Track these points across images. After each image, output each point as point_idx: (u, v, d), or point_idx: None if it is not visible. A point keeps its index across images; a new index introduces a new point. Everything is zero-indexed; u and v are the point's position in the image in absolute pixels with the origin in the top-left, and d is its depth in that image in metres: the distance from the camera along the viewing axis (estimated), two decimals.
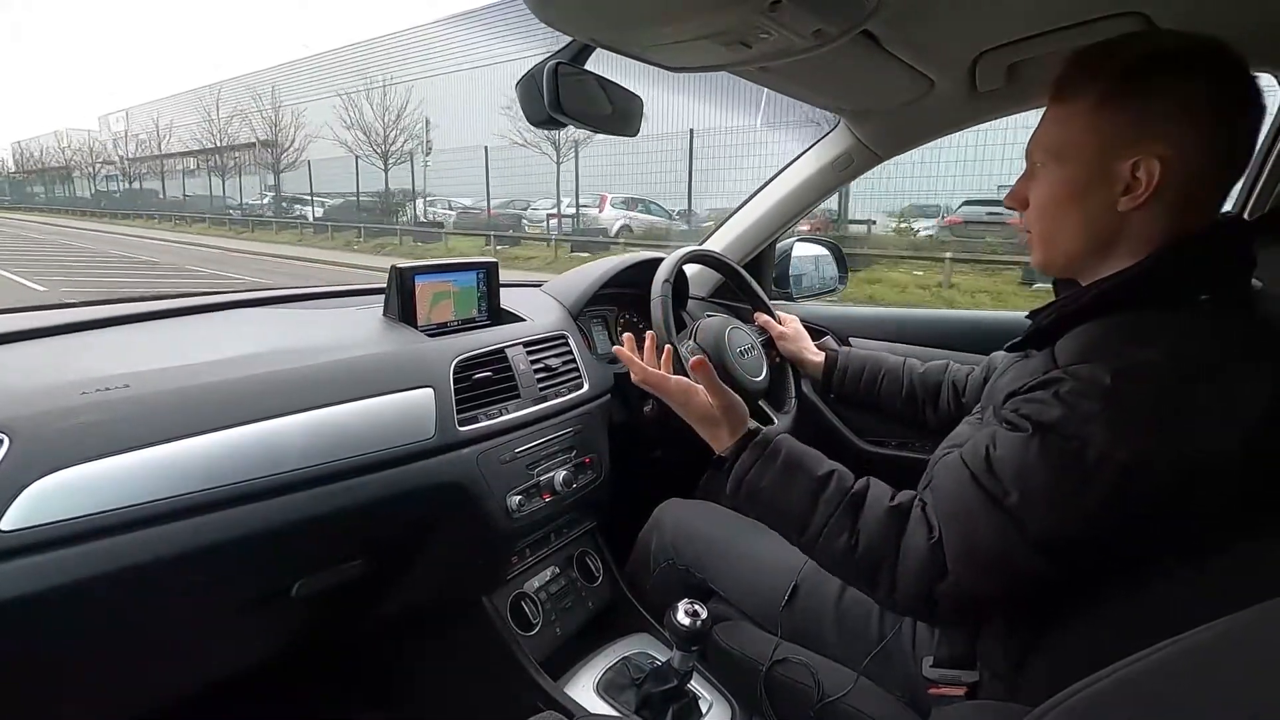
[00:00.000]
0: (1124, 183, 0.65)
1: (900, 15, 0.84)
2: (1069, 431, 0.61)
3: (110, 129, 39.93)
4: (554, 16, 0.74)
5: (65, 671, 0.77)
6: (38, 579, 0.63)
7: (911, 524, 0.70)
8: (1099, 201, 0.67)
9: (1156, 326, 0.64)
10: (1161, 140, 0.63)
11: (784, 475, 0.79)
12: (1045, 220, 0.73)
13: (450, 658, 1.16)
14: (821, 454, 0.82)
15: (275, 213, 22.51)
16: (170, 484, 0.71)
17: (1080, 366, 0.63)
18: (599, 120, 0.94)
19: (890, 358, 1.23)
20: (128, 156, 32.76)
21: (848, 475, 0.79)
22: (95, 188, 35.37)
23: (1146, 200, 0.65)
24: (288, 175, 23.00)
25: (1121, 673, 0.42)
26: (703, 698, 1.02)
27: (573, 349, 1.22)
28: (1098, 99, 0.66)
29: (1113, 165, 0.65)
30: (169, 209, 27.84)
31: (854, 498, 0.75)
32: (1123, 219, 0.67)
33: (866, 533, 0.72)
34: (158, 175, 30.36)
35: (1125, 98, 0.65)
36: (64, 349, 0.88)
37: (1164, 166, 0.63)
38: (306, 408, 0.83)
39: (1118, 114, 0.65)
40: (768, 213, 1.58)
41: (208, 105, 26.26)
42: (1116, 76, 0.65)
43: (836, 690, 0.86)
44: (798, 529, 0.77)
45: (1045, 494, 0.62)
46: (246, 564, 0.81)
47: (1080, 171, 0.68)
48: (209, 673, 0.98)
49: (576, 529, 1.28)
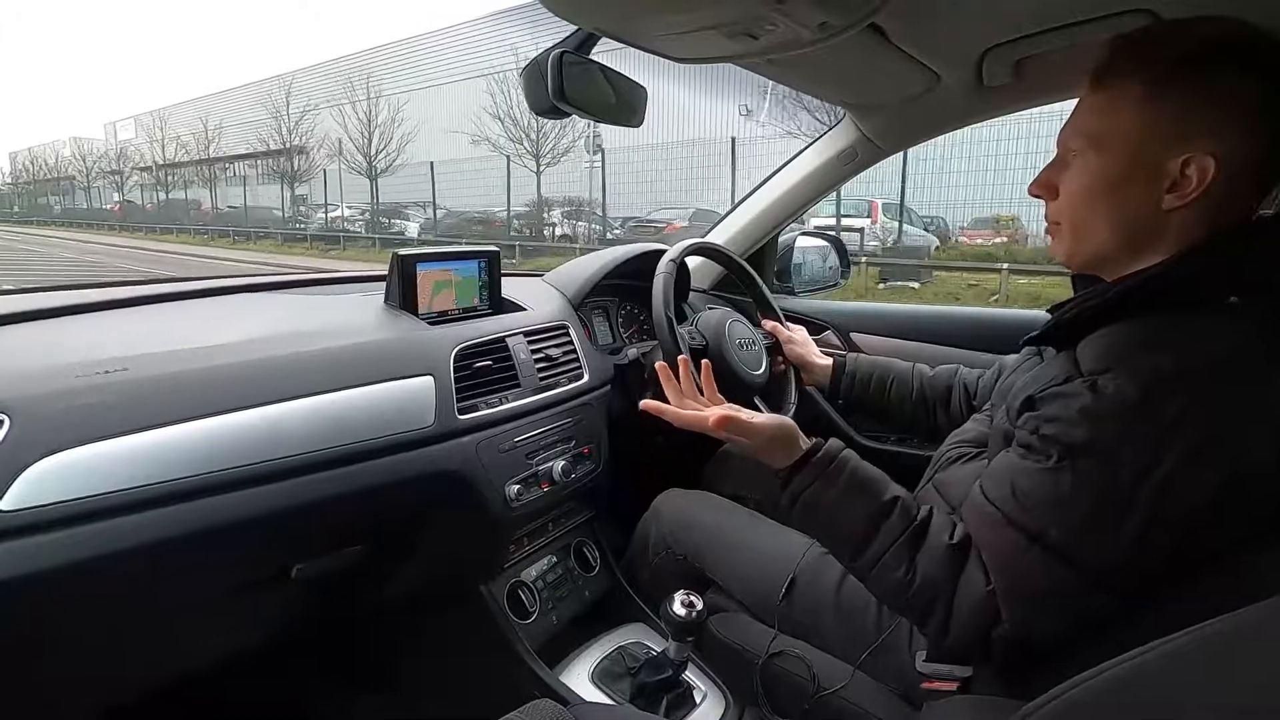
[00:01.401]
0: (1170, 179, 0.62)
1: (908, 9, 0.84)
2: (1100, 454, 0.59)
3: (117, 136, 37.26)
4: (560, 5, 0.74)
5: (64, 651, 0.78)
6: (38, 559, 0.63)
7: (970, 565, 0.67)
8: (1139, 196, 0.64)
9: (1185, 330, 0.62)
10: (1214, 138, 0.60)
11: (846, 496, 0.76)
12: (1078, 211, 0.69)
13: (447, 644, 1.17)
14: (886, 475, 0.79)
15: (372, 228, 18.02)
16: (170, 467, 0.71)
17: (1105, 377, 0.61)
18: (602, 110, 0.93)
19: (899, 363, 1.22)
20: (164, 162, 27.84)
21: (911, 503, 0.75)
22: (124, 197, 30.67)
23: (1195, 199, 0.62)
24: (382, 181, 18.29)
25: (1115, 670, 0.42)
26: (697, 688, 1.03)
27: (573, 339, 1.22)
28: (1148, 87, 0.62)
29: (1159, 160, 0.62)
30: (226, 222, 22.87)
31: (917, 529, 0.72)
32: (1164, 217, 0.64)
33: (924, 569, 0.69)
34: (202, 182, 25.73)
35: (1179, 88, 0.61)
36: (64, 331, 0.88)
37: (1217, 164, 0.60)
38: (307, 393, 0.83)
39: (1170, 105, 0.61)
40: (771, 206, 1.58)
41: (277, 101, 21.36)
42: (1171, 65, 0.61)
43: (832, 683, 0.87)
44: (853, 552, 0.74)
45: (1087, 524, 0.60)
46: (246, 548, 0.81)
47: (1121, 163, 0.65)
48: (206, 656, 0.99)
49: (574, 518, 1.28)
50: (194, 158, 26.75)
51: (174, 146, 27.76)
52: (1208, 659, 0.41)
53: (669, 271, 1.15)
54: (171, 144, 27.75)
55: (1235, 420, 0.58)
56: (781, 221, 1.60)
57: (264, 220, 21.93)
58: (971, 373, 1.14)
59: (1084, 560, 0.61)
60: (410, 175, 17.27)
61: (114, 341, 0.82)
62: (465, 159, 15.88)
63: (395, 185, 18.03)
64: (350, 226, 18.78)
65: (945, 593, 0.68)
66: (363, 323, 1.00)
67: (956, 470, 0.87)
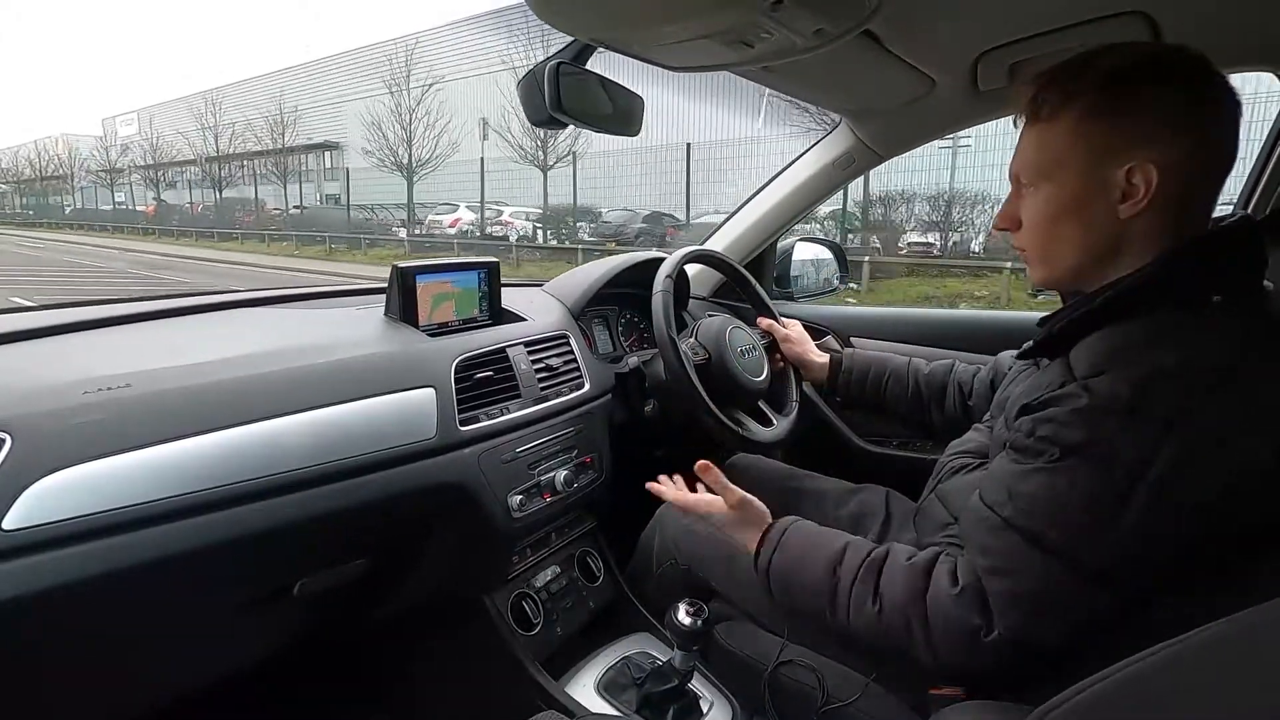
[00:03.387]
0: (1120, 189, 0.65)
1: (902, 15, 0.84)
2: (1096, 453, 0.60)
3: (117, 133, 34.11)
4: (555, 16, 0.74)
5: (67, 670, 0.77)
6: (40, 578, 0.63)
7: (934, 579, 0.69)
8: (1097, 211, 0.67)
9: (1173, 329, 0.63)
10: (1151, 145, 0.64)
11: (800, 555, 0.80)
12: (1042, 237, 0.72)
13: (451, 657, 1.16)
14: (838, 530, 0.83)
15: (558, 234, 15.04)
16: (172, 483, 0.71)
17: (1098, 380, 0.62)
18: (600, 120, 0.94)
19: (895, 358, 1.22)
20: (215, 153, 24.01)
21: (863, 544, 0.78)
22: (160, 195, 26.89)
23: (1147, 204, 0.64)
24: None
25: (1123, 673, 0.42)
26: (704, 697, 1.02)
27: (574, 349, 1.22)
28: (1080, 114, 0.66)
29: (1106, 174, 0.66)
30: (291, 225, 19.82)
31: (872, 563, 0.75)
32: (1125, 225, 0.66)
33: (889, 594, 0.71)
34: (246, 179, 23.05)
35: (1108, 108, 0.65)
36: (65, 348, 0.88)
37: (1159, 170, 0.63)
38: (308, 407, 0.83)
39: (1103, 125, 0.65)
40: (769, 212, 1.58)
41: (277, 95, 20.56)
42: (1096, 89, 0.65)
43: (841, 694, 0.86)
44: (827, 607, 0.77)
45: (1085, 524, 0.61)
46: (248, 564, 0.81)
47: (1073, 186, 0.68)
48: (210, 672, 0.98)
49: (577, 528, 1.28)
50: (258, 147, 22.69)
51: (228, 136, 24.08)
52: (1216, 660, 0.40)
53: (667, 289, 1.15)
54: (225, 134, 24.12)
55: (1228, 417, 0.59)
56: (779, 228, 1.61)
57: (336, 224, 18.01)
58: (967, 370, 1.15)
59: (1082, 560, 0.61)
60: (448, 173, 16.50)
61: (116, 358, 0.82)
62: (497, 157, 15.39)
63: (430, 183, 17.15)
64: (499, 233, 15.37)
65: (916, 611, 0.69)
66: (363, 335, 1.00)
67: (958, 481, 0.88)
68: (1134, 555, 0.60)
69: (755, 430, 1.19)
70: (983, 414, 1.01)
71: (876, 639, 0.74)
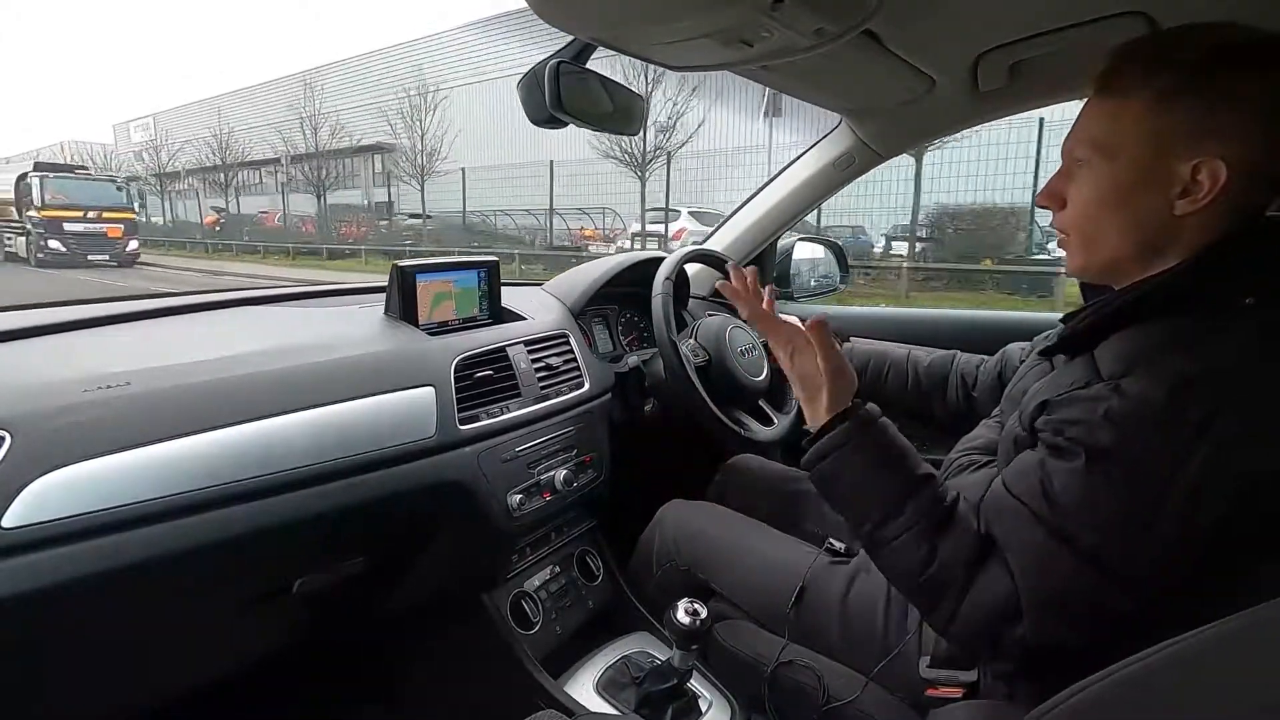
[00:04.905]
0: (1182, 184, 0.61)
1: (902, 14, 0.84)
2: (1129, 457, 0.58)
3: (130, 138, 31.70)
4: (556, 15, 0.74)
5: (67, 668, 0.77)
6: (39, 576, 0.63)
7: (993, 562, 0.65)
8: (1151, 203, 0.63)
9: (1206, 332, 0.61)
10: (1225, 141, 0.60)
11: (879, 464, 0.73)
12: (1089, 221, 0.68)
13: (450, 656, 1.17)
14: (915, 450, 0.75)
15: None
16: (172, 482, 0.71)
17: (1128, 381, 0.60)
18: (600, 119, 0.94)
19: (894, 352, 1.22)
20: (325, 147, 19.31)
21: (941, 483, 0.72)
22: (222, 202, 22.22)
23: (1209, 204, 0.61)
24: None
25: (1120, 674, 0.42)
26: (703, 697, 1.02)
27: (574, 348, 1.22)
28: (1157, 95, 0.62)
29: (1170, 165, 0.62)
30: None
31: (944, 512, 0.69)
32: (1177, 222, 0.63)
33: (945, 555, 0.66)
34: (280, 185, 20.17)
35: (1188, 95, 0.61)
36: (65, 346, 0.88)
37: (1230, 169, 0.60)
38: (308, 406, 0.83)
39: (1179, 112, 0.61)
40: (769, 212, 1.58)
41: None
42: (1179, 71, 0.61)
43: (842, 693, 0.86)
44: (874, 522, 0.71)
45: (1119, 529, 0.59)
46: (247, 562, 0.81)
47: (1132, 171, 0.64)
48: (210, 670, 0.98)
49: (577, 528, 1.28)
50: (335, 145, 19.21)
51: (328, 128, 19.56)
52: (1216, 660, 0.40)
53: (666, 291, 1.15)
54: (326, 123, 19.57)
55: (1261, 422, 0.57)
56: (779, 227, 1.61)
57: (460, 236, 15.86)
58: (970, 360, 1.14)
59: (1114, 564, 0.60)
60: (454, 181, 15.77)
61: (115, 357, 0.82)
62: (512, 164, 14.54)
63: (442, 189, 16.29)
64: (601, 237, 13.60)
65: (959, 582, 0.65)
66: (363, 334, 1.00)
67: (965, 478, 0.86)
68: (1163, 559, 0.59)
69: (756, 429, 1.19)
70: (987, 406, 1.00)
71: (903, 580, 0.71)
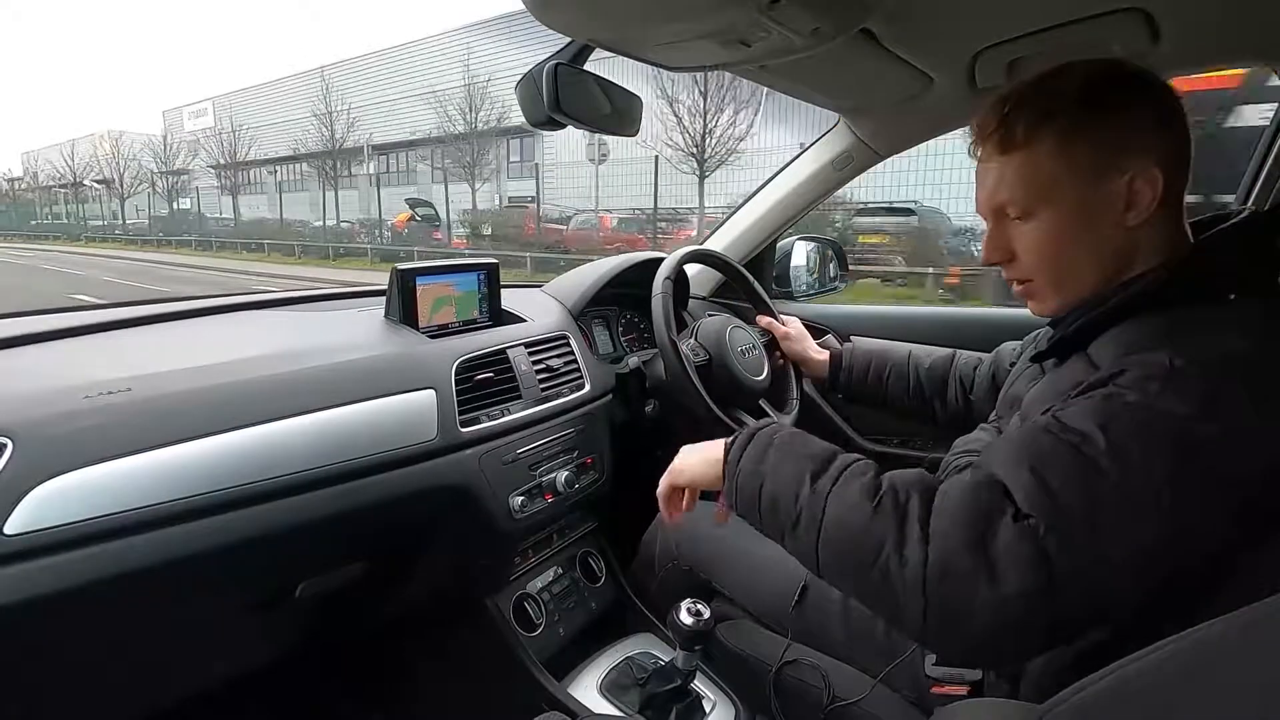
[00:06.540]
0: (1124, 199, 0.64)
1: (899, 13, 0.84)
2: (1130, 447, 0.56)
3: (185, 126, 27.39)
4: (553, 17, 0.74)
5: (71, 674, 0.78)
6: (43, 583, 0.63)
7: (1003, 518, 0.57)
8: (1105, 226, 0.66)
9: (1199, 324, 0.62)
10: (1144, 151, 0.63)
11: (781, 452, 0.70)
12: (1053, 263, 0.70)
13: (454, 658, 1.17)
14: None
15: None
16: (174, 487, 0.71)
17: (1135, 357, 0.60)
18: (598, 120, 0.94)
19: (895, 353, 1.22)
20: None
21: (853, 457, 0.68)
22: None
23: (1155, 209, 0.64)
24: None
25: (1124, 671, 0.42)
26: (706, 697, 1.02)
27: (574, 349, 1.22)
28: (1062, 133, 0.65)
29: (1107, 187, 0.64)
30: None
31: (861, 466, 0.65)
32: (1133, 233, 0.65)
33: (941, 528, 0.58)
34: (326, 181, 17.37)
35: (1092, 122, 0.64)
36: (66, 352, 0.89)
37: (1160, 170, 0.63)
38: (309, 410, 0.83)
39: (1091, 138, 0.64)
40: (768, 212, 1.58)
41: None
42: (1073, 106, 0.64)
43: (846, 693, 0.86)
44: (811, 478, 0.66)
45: (1126, 523, 0.56)
46: (250, 567, 0.81)
47: (1076, 204, 0.66)
48: (213, 674, 0.99)
49: (579, 529, 1.28)
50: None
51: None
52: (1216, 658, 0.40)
53: (666, 291, 1.14)
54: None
55: (1261, 410, 0.57)
56: (778, 227, 1.61)
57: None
58: (968, 363, 1.14)
59: (1119, 559, 0.58)
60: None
61: (116, 362, 0.83)
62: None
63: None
64: None
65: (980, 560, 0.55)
66: (363, 338, 1.00)
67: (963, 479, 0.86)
68: (1168, 553, 0.58)
69: None
70: (985, 408, 1.00)
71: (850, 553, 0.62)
